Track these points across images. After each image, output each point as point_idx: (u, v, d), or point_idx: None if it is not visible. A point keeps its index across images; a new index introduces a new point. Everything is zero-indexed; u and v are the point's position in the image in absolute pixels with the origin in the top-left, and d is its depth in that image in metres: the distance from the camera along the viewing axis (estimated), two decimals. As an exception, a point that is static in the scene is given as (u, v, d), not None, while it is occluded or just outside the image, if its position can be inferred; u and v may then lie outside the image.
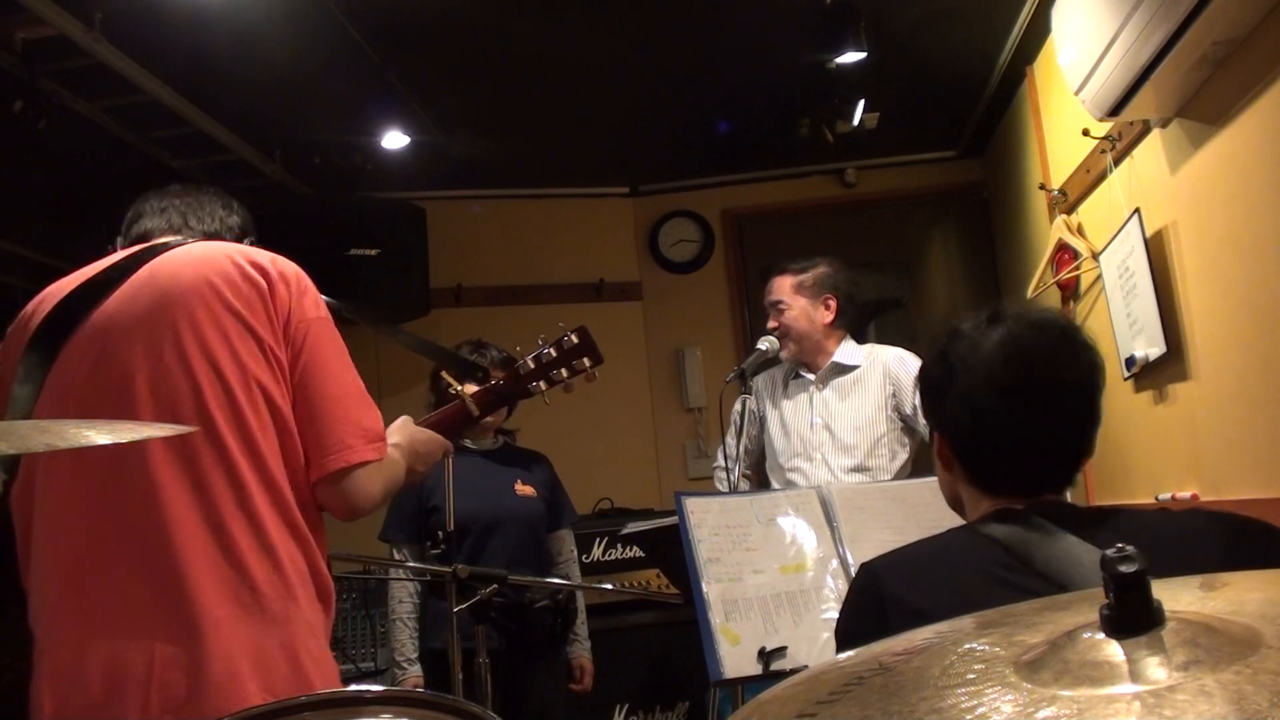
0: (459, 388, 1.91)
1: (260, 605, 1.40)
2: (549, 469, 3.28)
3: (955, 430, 1.31)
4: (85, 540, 1.40)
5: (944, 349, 1.31)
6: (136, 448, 1.40)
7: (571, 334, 1.97)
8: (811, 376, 3.14)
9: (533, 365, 1.95)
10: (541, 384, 1.95)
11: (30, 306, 1.57)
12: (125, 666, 1.34)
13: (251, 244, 1.71)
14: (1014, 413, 1.25)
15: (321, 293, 1.60)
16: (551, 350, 1.95)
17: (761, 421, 3.23)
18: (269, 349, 1.47)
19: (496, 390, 1.93)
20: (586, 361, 1.97)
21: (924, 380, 1.35)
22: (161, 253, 1.55)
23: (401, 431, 1.71)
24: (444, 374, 1.97)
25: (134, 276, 1.52)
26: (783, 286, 3.15)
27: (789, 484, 3.03)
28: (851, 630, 1.29)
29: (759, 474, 3.35)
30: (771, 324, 3.14)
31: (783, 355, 3.14)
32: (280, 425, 1.47)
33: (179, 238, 1.63)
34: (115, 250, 1.66)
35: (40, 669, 1.38)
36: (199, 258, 1.53)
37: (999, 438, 1.26)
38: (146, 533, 1.39)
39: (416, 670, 2.97)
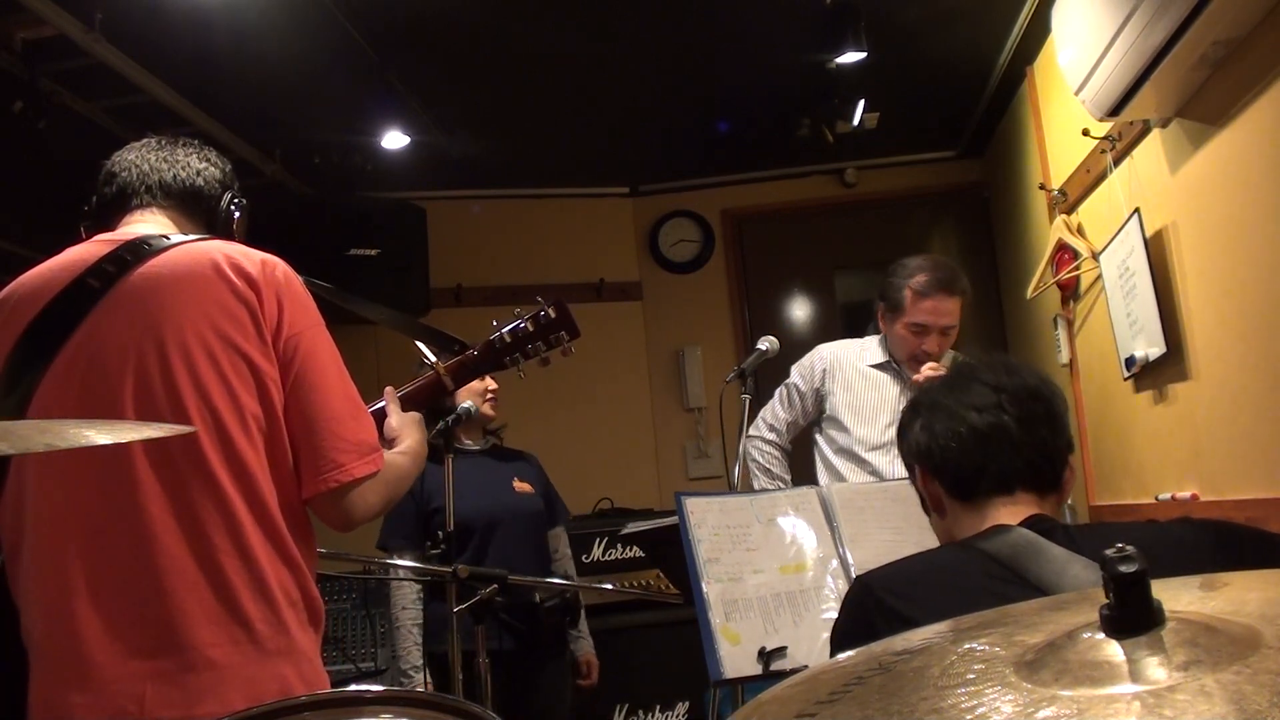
0: (433, 359, 1.88)
1: (254, 640, 1.39)
2: (539, 467, 3.28)
3: (928, 444, 1.36)
4: (77, 577, 1.37)
5: (911, 403, 1.44)
6: (127, 482, 1.38)
7: (549, 308, 1.92)
8: (906, 373, 2.98)
9: (508, 339, 1.91)
10: (517, 357, 1.91)
11: (3, 295, 1.51)
12: (116, 708, 1.32)
13: (234, 203, 1.66)
14: (973, 408, 1.33)
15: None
16: (528, 324, 1.91)
17: (822, 400, 3.08)
18: (261, 372, 1.44)
19: (470, 362, 1.89)
20: (564, 335, 1.92)
21: (900, 430, 1.44)
22: (145, 258, 1.47)
23: (412, 432, 1.69)
24: (419, 346, 1.94)
25: (117, 290, 1.45)
26: (957, 310, 2.92)
27: (872, 472, 2.93)
28: (844, 643, 1.31)
29: (793, 447, 3.23)
30: (928, 347, 2.88)
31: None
32: (274, 452, 1.45)
33: (159, 228, 1.56)
34: (89, 216, 1.60)
35: (32, 698, 1.37)
36: (185, 271, 1.46)
37: (964, 432, 1.33)
38: (138, 571, 1.37)
39: (420, 679, 2.96)
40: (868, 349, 3.08)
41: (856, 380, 3.05)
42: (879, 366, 3.04)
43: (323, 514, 1.50)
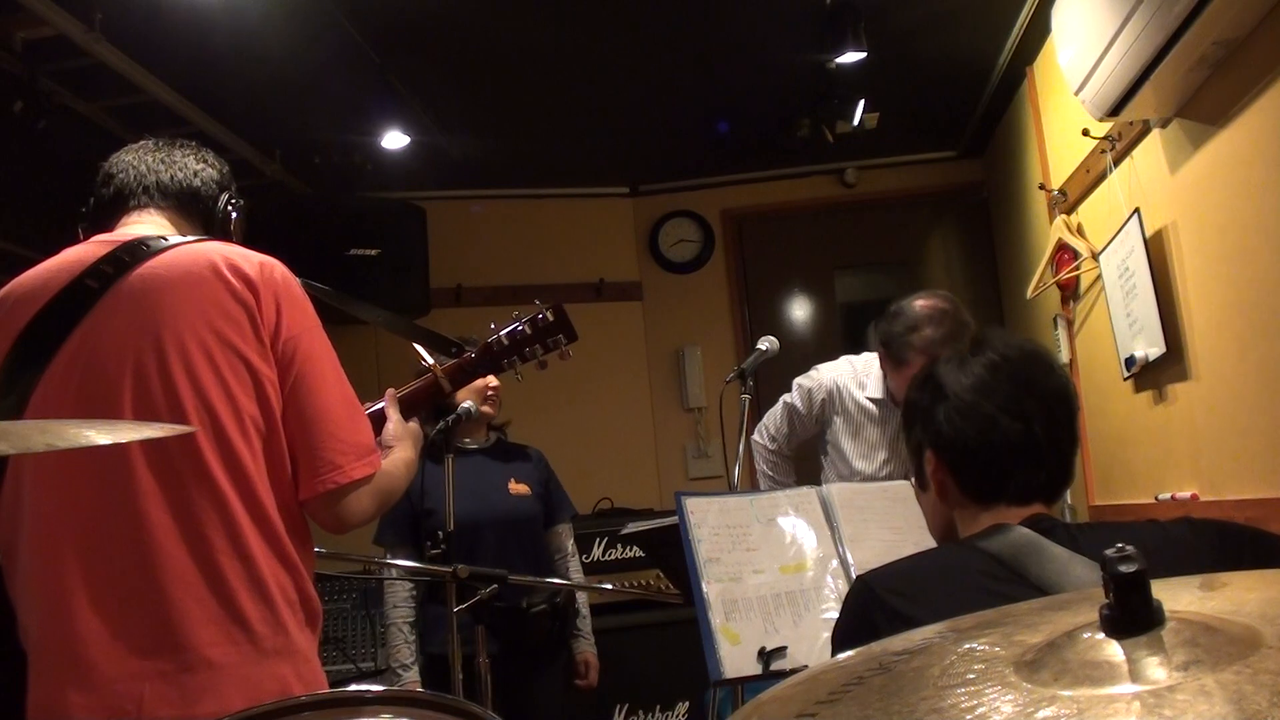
0: (430, 361, 1.88)
1: (252, 641, 1.39)
2: (543, 464, 3.23)
3: (953, 439, 1.32)
4: (74, 577, 1.37)
5: (928, 374, 1.38)
6: (125, 483, 1.38)
7: (547, 311, 1.92)
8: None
9: (506, 341, 1.91)
10: (514, 360, 1.91)
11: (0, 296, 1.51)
12: (114, 708, 1.32)
13: (231, 204, 1.66)
14: (1007, 413, 1.29)
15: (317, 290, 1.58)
16: (526, 327, 1.91)
17: (823, 424, 3.06)
18: (259, 375, 1.44)
19: (467, 364, 1.89)
20: (562, 339, 1.92)
21: (911, 405, 1.39)
22: (143, 259, 1.47)
23: (408, 445, 1.69)
24: (416, 348, 1.94)
25: (115, 291, 1.45)
26: None
27: None
28: (846, 643, 1.30)
29: (797, 459, 3.22)
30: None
31: None
32: (271, 454, 1.45)
33: (156, 229, 1.56)
34: (87, 217, 1.60)
35: (30, 698, 1.36)
36: (183, 273, 1.46)
37: (995, 439, 1.30)
38: (136, 572, 1.37)
39: (413, 675, 2.95)
40: (868, 377, 2.99)
41: (856, 413, 3.00)
42: (878, 403, 2.96)
43: (317, 516, 1.50)
